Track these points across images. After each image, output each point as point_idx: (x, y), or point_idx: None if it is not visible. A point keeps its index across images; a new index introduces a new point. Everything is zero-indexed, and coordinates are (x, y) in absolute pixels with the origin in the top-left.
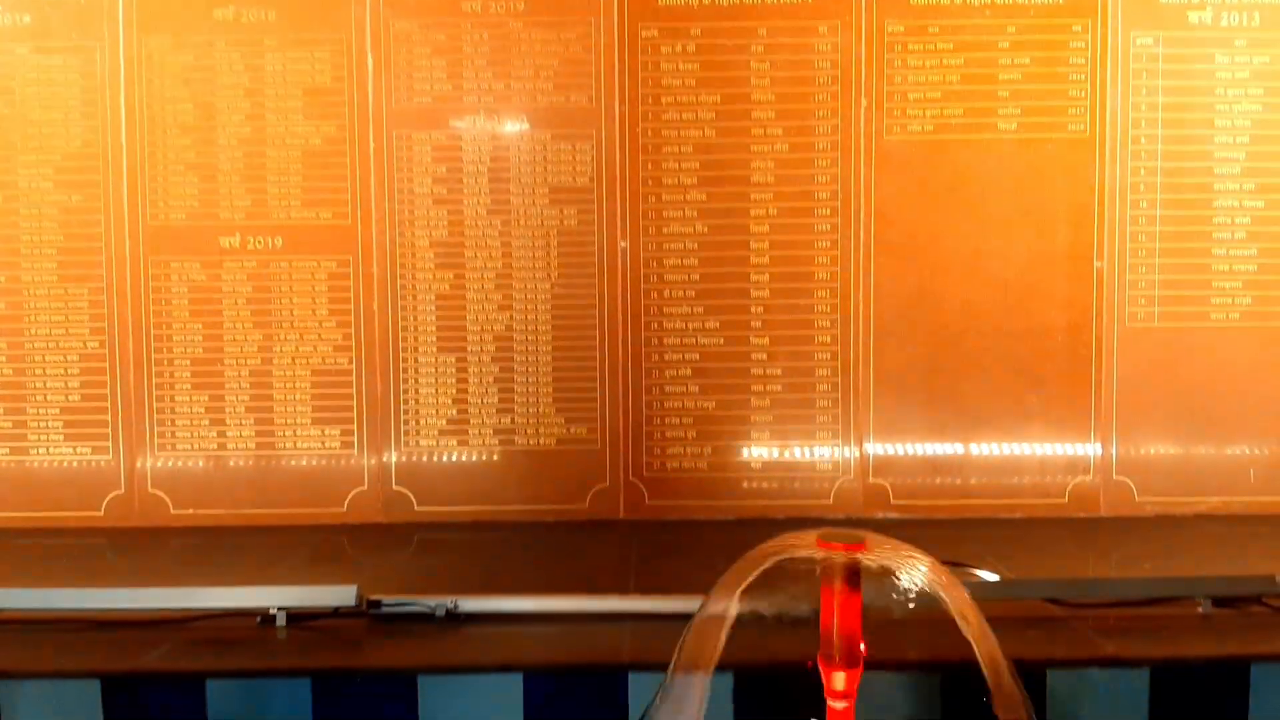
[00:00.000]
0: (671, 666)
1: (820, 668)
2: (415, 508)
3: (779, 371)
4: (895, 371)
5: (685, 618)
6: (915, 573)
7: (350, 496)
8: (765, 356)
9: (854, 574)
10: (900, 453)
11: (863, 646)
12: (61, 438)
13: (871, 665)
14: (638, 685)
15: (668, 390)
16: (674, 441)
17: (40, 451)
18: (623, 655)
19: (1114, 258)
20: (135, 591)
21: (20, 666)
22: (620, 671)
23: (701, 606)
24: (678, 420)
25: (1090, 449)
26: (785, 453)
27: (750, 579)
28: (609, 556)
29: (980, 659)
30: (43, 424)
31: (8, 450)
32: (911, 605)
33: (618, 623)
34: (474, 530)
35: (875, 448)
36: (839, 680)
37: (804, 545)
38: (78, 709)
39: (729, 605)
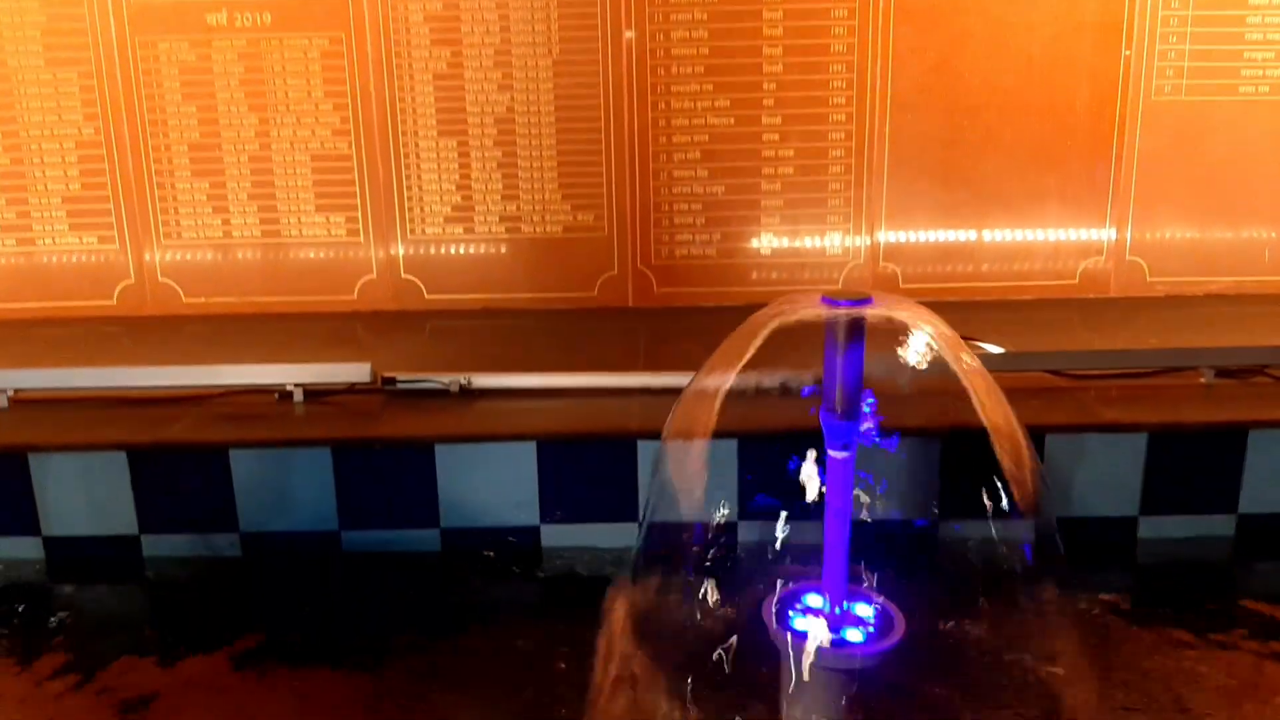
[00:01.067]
0: (669, 428)
1: (822, 420)
2: (425, 296)
3: (791, 153)
4: (911, 150)
5: None
6: (920, 329)
7: (360, 284)
8: (777, 137)
9: (857, 327)
10: (912, 239)
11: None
12: (66, 228)
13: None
14: (648, 453)
15: (676, 175)
16: (682, 228)
17: (46, 242)
18: (632, 424)
19: (1144, 28)
20: (157, 370)
21: (49, 440)
22: (629, 439)
23: (707, 366)
24: (686, 206)
25: (1105, 231)
26: (795, 240)
27: (761, 339)
28: (618, 340)
29: (984, 416)
30: (46, 214)
31: (14, 242)
32: (917, 363)
33: (627, 397)
34: (485, 318)
35: (887, 234)
36: (841, 431)
37: (809, 302)
38: (107, 478)
39: (735, 368)
